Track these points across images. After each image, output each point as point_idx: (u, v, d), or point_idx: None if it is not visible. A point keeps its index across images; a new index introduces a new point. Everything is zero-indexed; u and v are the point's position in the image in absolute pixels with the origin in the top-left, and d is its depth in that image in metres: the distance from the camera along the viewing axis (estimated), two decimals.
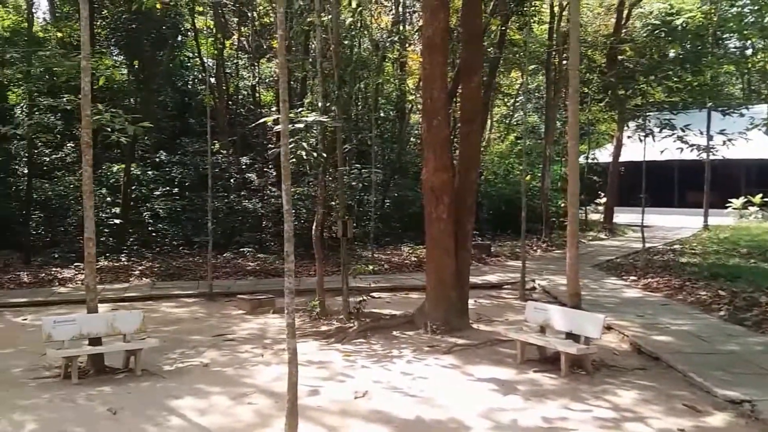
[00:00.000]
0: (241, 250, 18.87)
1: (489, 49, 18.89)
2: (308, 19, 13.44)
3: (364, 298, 11.55)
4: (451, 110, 15.50)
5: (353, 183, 12.47)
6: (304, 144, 10.34)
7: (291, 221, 6.56)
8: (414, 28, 20.56)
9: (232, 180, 21.56)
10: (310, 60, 15.83)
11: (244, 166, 22.02)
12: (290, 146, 10.55)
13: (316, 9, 11.43)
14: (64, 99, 14.62)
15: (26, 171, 19.70)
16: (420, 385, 7.97)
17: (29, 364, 9.08)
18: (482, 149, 20.64)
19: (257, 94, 24.29)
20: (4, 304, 13.24)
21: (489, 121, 27.20)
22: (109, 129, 10.46)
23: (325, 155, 11.06)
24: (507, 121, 28.45)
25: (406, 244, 21.10)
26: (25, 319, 12.37)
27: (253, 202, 20.70)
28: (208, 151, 14.38)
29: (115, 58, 21.10)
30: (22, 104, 20.20)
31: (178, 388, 7.93)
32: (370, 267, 13.25)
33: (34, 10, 21.30)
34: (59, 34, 20.59)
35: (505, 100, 27.65)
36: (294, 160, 10.43)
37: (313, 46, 19.32)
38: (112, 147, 19.26)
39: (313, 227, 11.98)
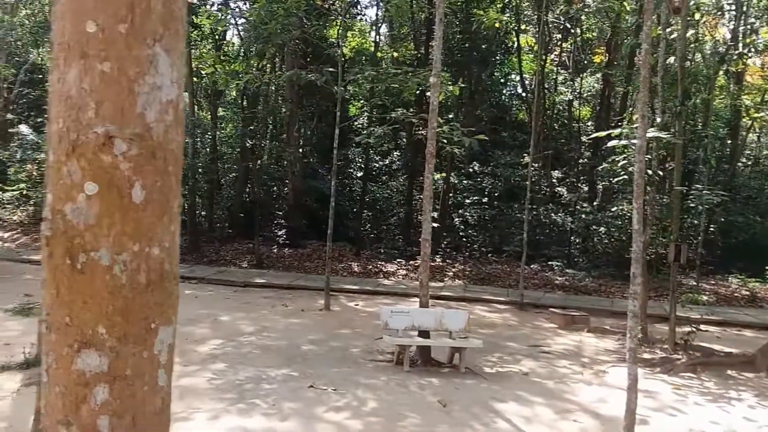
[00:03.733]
0: (549, 263, 18.79)
1: None
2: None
3: (693, 329, 10.62)
4: None
5: (692, 204, 11.49)
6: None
7: (640, 241, 6.32)
8: (756, 39, 18.29)
9: (541, 193, 21.61)
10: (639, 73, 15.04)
11: (554, 180, 21.91)
12: (622, 162, 10.25)
13: (661, 23, 10.85)
14: (399, 112, 16.17)
15: (359, 175, 22.27)
16: None
17: (365, 346, 10.16)
18: None
19: (573, 109, 23.99)
20: (339, 290, 15.02)
21: None
22: (445, 141, 11.24)
23: (660, 173, 10.43)
24: None
25: (734, 275, 18.88)
26: (357, 305, 13.91)
27: (561, 216, 20.49)
28: (528, 164, 14.62)
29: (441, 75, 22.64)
30: (362, 116, 22.82)
31: (501, 392, 8.16)
32: (703, 297, 12.13)
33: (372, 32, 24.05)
34: (395, 54, 22.74)
35: None
36: (626, 177, 10.07)
37: (637, 60, 18.44)
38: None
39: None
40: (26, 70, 21.92)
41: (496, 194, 22.05)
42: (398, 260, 18.34)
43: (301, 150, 22.11)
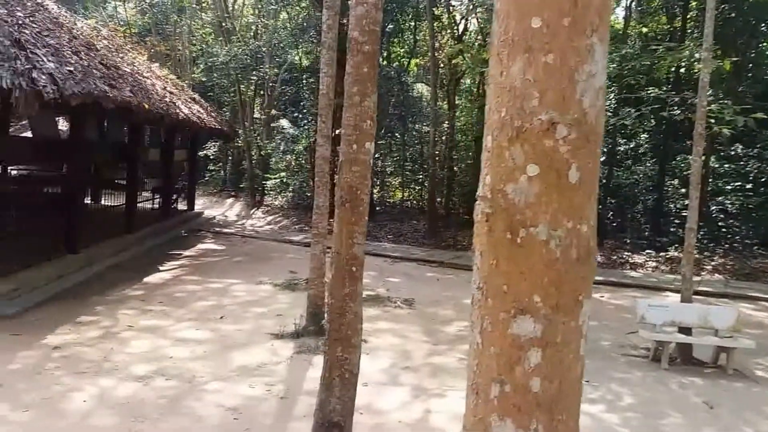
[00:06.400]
0: None
1: None
2: None
3: None
4: None
5: None
6: None
7: None
8: None
9: None
10: None
11: None
12: None
13: None
14: (654, 90, 15.02)
15: (602, 159, 21.26)
16: None
17: (614, 339, 9.73)
18: None
19: None
20: None
21: None
22: (712, 120, 10.24)
23: None
24: None
25: None
26: (602, 296, 13.33)
27: None
28: None
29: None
30: (609, 98, 21.69)
31: None
32: None
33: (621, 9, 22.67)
34: (644, 29, 21.22)
35: None
36: None
37: None
38: (685, 138, 19.01)
39: None
40: (285, 69, 24.31)
41: (762, 180, 19.60)
42: (647, 251, 17.20)
43: None
